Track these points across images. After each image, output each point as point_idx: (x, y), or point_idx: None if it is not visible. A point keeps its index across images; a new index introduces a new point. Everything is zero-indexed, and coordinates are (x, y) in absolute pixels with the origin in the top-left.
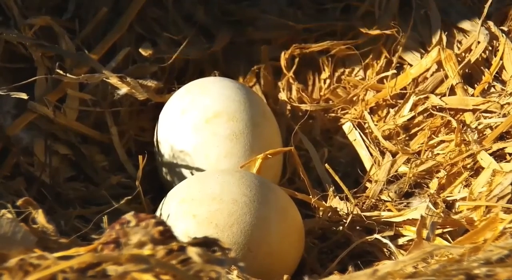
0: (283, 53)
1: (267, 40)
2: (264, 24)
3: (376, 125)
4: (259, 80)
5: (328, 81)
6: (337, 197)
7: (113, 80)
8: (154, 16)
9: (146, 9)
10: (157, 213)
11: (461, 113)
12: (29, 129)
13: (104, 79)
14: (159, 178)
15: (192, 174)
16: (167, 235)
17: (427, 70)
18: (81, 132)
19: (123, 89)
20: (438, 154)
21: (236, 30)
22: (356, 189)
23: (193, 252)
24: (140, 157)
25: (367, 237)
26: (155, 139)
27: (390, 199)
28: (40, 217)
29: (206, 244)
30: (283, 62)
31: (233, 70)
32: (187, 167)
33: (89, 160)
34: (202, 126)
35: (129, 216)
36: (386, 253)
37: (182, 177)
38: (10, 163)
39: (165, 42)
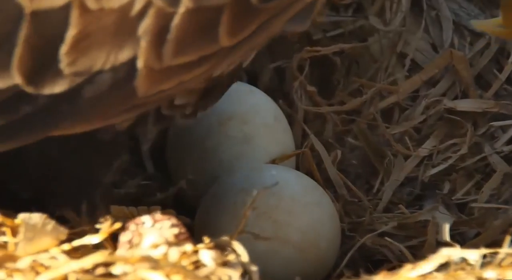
0: (294, 56)
1: (279, 40)
2: None
3: (387, 127)
4: (273, 82)
5: (340, 82)
6: (349, 199)
7: None
8: None
9: None
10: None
11: (473, 116)
12: None
13: None
14: (171, 181)
15: (203, 178)
16: (181, 237)
17: (439, 72)
18: None
19: None
20: (450, 157)
21: None
22: (367, 191)
23: (206, 255)
24: None
25: (378, 239)
26: (167, 143)
27: (401, 202)
28: None
29: (220, 246)
30: (294, 65)
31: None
32: (198, 170)
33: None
34: (216, 129)
35: (144, 217)
36: (397, 254)
37: (194, 182)
38: None
39: None
